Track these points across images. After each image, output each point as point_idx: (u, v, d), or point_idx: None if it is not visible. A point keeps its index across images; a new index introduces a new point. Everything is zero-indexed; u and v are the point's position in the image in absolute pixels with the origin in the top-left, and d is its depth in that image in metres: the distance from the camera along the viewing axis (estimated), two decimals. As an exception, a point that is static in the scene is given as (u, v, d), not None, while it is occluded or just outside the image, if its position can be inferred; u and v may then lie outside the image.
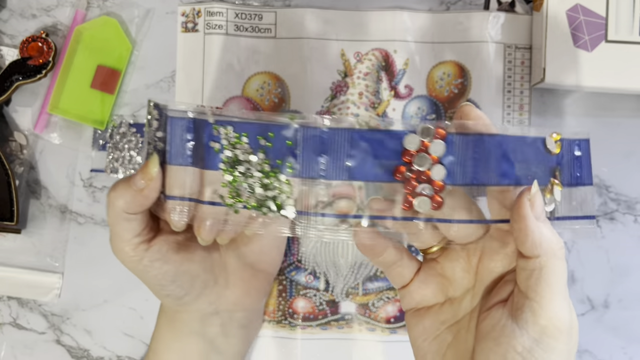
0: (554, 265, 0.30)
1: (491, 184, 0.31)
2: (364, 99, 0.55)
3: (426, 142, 0.31)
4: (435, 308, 0.36)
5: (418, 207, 0.31)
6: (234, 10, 0.55)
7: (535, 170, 0.32)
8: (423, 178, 0.31)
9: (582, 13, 0.51)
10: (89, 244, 0.55)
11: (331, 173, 0.31)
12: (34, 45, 0.53)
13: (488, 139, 0.31)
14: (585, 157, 0.34)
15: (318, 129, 0.31)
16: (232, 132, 0.32)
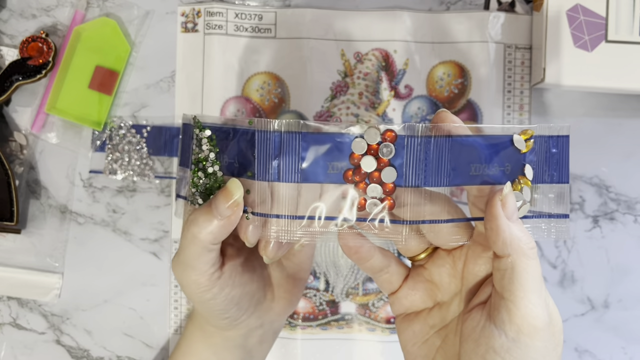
0: (525, 264, 0.30)
1: (446, 185, 0.31)
2: (364, 99, 0.55)
3: (374, 145, 0.31)
4: (424, 313, 0.36)
5: (369, 209, 0.32)
6: (234, 11, 0.55)
7: (501, 170, 0.32)
8: (374, 180, 0.31)
9: (582, 13, 0.51)
10: (89, 244, 0.55)
11: (285, 176, 0.31)
12: (33, 46, 0.53)
13: (442, 141, 0.31)
14: (562, 154, 0.33)
15: (270, 133, 0.31)
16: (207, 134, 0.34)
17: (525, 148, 0.33)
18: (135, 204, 0.55)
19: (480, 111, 0.55)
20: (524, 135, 0.33)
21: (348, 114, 0.55)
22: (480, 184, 0.32)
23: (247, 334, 0.39)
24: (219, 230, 0.33)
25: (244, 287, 0.36)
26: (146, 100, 0.55)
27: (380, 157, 0.31)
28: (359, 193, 0.32)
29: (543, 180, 0.33)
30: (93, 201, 0.55)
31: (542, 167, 0.33)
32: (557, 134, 0.33)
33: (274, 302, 0.39)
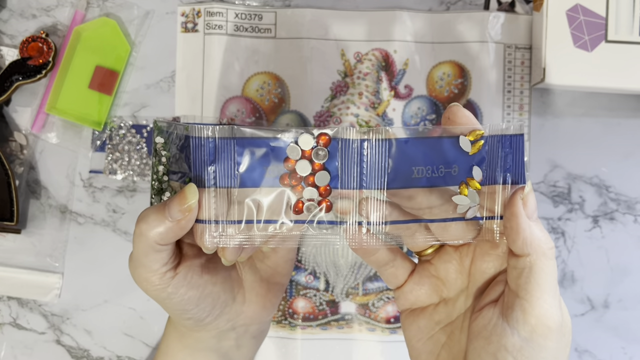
0: (543, 264, 0.30)
1: (383, 188, 0.32)
2: (364, 99, 0.55)
3: (307, 151, 0.32)
4: (430, 309, 0.36)
5: (307, 210, 0.32)
6: (234, 11, 0.55)
7: (447, 171, 0.32)
8: (309, 183, 0.32)
9: (582, 13, 0.51)
10: (89, 244, 0.55)
11: (222, 181, 0.31)
12: (34, 46, 0.53)
13: (379, 143, 0.31)
14: (516, 155, 0.32)
15: (205, 139, 0.31)
16: None
17: (471, 149, 0.32)
18: (136, 204, 0.55)
19: (480, 111, 0.55)
20: (471, 136, 0.32)
21: (348, 114, 0.55)
22: (425, 186, 0.32)
23: (219, 336, 0.38)
24: (167, 232, 0.32)
25: (203, 289, 0.36)
26: (146, 100, 0.56)
27: (315, 161, 0.32)
28: (296, 196, 0.32)
29: (496, 182, 0.32)
30: (93, 201, 0.55)
31: (494, 168, 0.32)
32: (510, 133, 0.32)
33: (244, 305, 0.38)
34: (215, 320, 0.37)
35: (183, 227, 0.32)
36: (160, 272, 0.34)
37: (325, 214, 0.32)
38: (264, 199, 0.32)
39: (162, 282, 0.34)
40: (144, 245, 0.33)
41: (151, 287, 0.34)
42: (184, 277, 0.35)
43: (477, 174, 0.32)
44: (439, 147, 0.32)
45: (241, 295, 0.38)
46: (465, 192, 0.32)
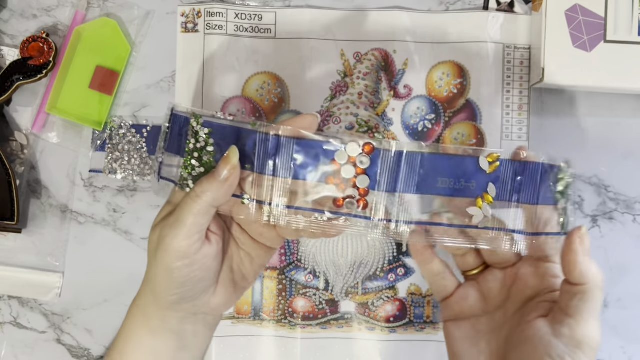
0: (595, 294, 0.36)
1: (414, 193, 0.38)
2: (363, 99, 0.55)
3: (353, 157, 0.37)
4: (472, 320, 0.42)
5: (347, 206, 0.38)
6: (234, 11, 0.55)
7: (467, 185, 0.38)
8: (351, 184, 0.38)
9: (581, 13, 0.51)
10: (90, 244, 0.55)
11: (280, 172, 0.37)
12: (34, 46, 0.53)
13: (414, 156, 0.37)
14: (528, 178, 0.38)
15: (271, 135, 0.37)
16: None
17: (489, 169, 0.37)
18: (136, 204, 0.55)
19: (479, 111, 0.55)
20: (489, 158, 0.38)
21: (348, 113, 0.55)
22: (447, 195, 0.38)
23: (182, 319, 0.41)
24: (217, 191, 0.37)
25: (207, 272, 0.40)
26: (146, 100, 0.56)
27: (358, 166, 0.37)
28: (339, 193, 0.38)
29: (507, 199, 0.38)
30: (94, 201, 0.56)
31: (505, 187, 0.38)
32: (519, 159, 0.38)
33: (213, 296, 0.41)
34: (189, 302, 0.40)
35: (231, 185, 0.37)
36: (193, 239, 0.37)
37: (362, 211, 0.38)
38: (312, 191, 0.38)
39: (188, 250, 0.37)
40: (197, 205, 0.37)
41: (175, 252, 0.37)
42: (204, 255, 0.39)
43: (491, 190, 0.38)
44: (462, 163, 0.38)
45: (214, 287, 0.41)
46: (480, 205, 0.38)
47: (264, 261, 0.44)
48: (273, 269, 0.55)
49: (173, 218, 0.38)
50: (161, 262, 0.38)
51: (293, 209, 0.38)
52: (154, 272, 0.39)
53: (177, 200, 0.40)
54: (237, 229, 0.42)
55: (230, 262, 0.42)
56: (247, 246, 0.42)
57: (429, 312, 0.55)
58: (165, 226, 0.38)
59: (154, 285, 0.40)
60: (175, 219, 0.38)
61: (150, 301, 0.41)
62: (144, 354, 0.42)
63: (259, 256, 0.43)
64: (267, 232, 0.41)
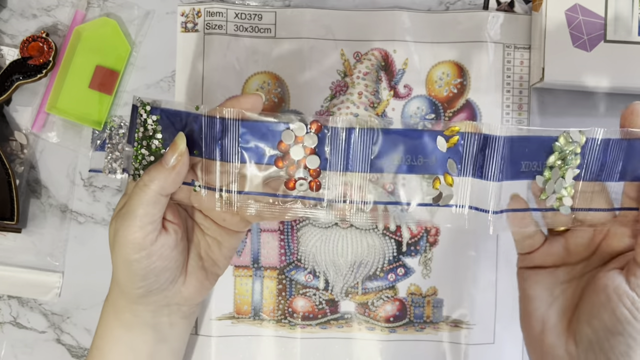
0: None
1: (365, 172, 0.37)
2: (363, 99, 0.55)
3: (300, 137, 0.36)
4: (551, 269, 0.41)
5: (297, 189, 0.37)
6: (234, 11, 0.55)
7: (421, 162, 0.37)
8: (301, 165, 0.37)
9: (581, 13, 0.51)
10: (89, 243, 0.55)
11: (227, 156, 0.37)
12: (34, 45, 0.53)
13: (365, 132, 0.36)
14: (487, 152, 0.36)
15: (216, 118, 0.36)
16: None
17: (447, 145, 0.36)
18: (136, 203, 0.55)
19: (479, 111, 0.55)
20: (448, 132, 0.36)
21: (347, 113, 0.55)
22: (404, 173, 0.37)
23: (155, 312, 0.41)
24: (165, 179, 0.37)
25: (168, 262, 0.39)
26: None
27: (306, 145, 0.37)
28: (290, 175, 0.37)
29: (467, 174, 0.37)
30: (93, 200, 0.56)
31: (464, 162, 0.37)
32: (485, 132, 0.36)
33: (183, 286, 0.41)
34: (157, 295, 0.40)
35: (179, 173, 0.37)
36: (146, 230, 0.37)
37: (315, 192, 0.37)
38: (261, 174, 0.37)
39: (143, 242, 0.37)
40: (145, 195, 0.37)
41: (130, 244, 0.37)
42: (161, 246, 0.38)
43: (451, 167, 0.37)
44: (419, 139, 0.37)
45: (183, 276, 0.41)
46: (437, 185, 0.37)
47: (233, 244, 0.43)
48: (273, 269, 0.55)
49: (124, 209, 0.38)
50: (119, 256, 0.38)
51: (243, 194, 0.37)
52: (115, 266, 0.40)
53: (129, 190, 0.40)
54: (199, 215, 0.42)
55: (198, 249, 0.42)
56: (213, 231, 0.42)
57: (429, 312, 0.55)
58: (118, 218, 0.38)
59: (117, 279, 0.40)
60: (126, 210, 0.37)
61: (118, 296, 0.41)
62: (121, 350, 0.42)
63: (227, 241, 0.42)
64: (230, 217, 0.41)
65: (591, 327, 0.37)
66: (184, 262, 0.41)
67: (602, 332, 0.36)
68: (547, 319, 0.40)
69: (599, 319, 0.36)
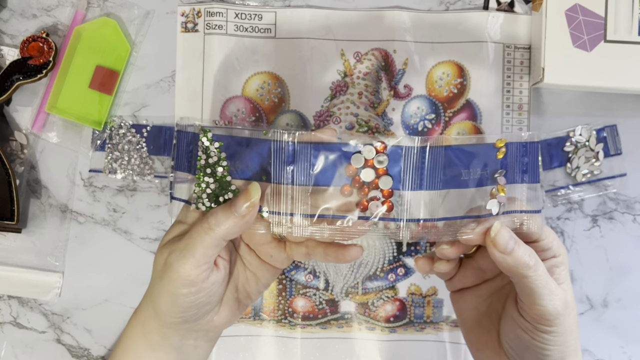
0: (523, 282, 0.37)
1: (440, 189, 0.37)
2: (363, 99, 0.55)
3: (371, 161, 0.36)
4: (473, 288, 0.44)
5: (370, 210, 0.37)
6: (234, 11, 0.55)
7: (482, 173, 0.37)
8: (373, 186, 0.37)
9: (581, 13, 0.51)
10: (90, 243, 0.55)
11: (299, 180, 0.36)
12: (34, 45, 0.53)
13: (437, 150, 0.36)
14: (532, 158, 0.38)
15: (285, 142, 0.36)
16: None
17: (500, 155, 0.37)
18: (136, 203, 0.55)
19: (479, 111, 0.55)
20: (499, 143, 0.37)
21: (348, 113, 0.55)
22: (472, 187, 0.37)
23: (183, 336, 0.41)
24: (233, 227, 0.36)
25: (211, 297, 0.39)
26: (146, 100, 0.56)
27: (377, 166, 0.36)
28: (362, 197, 0.37)
29: (515, 181, 0.37)
30: (93, 200, 0.55)
31: (514, 171, 0.37)
32: (527, 141, 0.37)
33: (216, 315, 0.41)
34: (191, 323, 0.40)
35: (247, 222, 0.36)
36: (201, 269, 0.37)
37: (387, 213, 0.37)
38: (334, 197, 0.37)
39: (196, 279, 0.37)
40: (209, 238, 0.36)
41: (183, 280, 0.37)
42: (211, 284, 0.38)
43: (501, 179, 0.37)
44: (478, 153, 0.37)
45: (218, 307, 0.41)
46: (494, 197, 0.37)
47: (269, 281, 0.43)
48: (273, 269, 0.55)
49: (182, 244, 0.37)
50: (167, 287, 0.37)
51: (315, 217, 0.37)
52: (158, 293, 0.38)
53: (190, 220, 0.39)
54: (244, 249, 0.42)
55: (236, 282, 0.42)
56: (254, 267, 0.42)
57: (429, 312, 0.55)
58: (174, 251, 0.37)
59: (156, 304, 0.39)
60: (185, 247, 0.37)
61: (150, 316, 0.40)
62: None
63: (265, 277, 0.42)
64: (277, 253, 0.40)
65: (509, 345, 0.41)
66: (223, 294, 0.41)
67: (518, 349, 0.40)
68: (481, 335, 0.43)
69: (510, 338, 0.40)
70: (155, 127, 0.55)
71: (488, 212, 0.37)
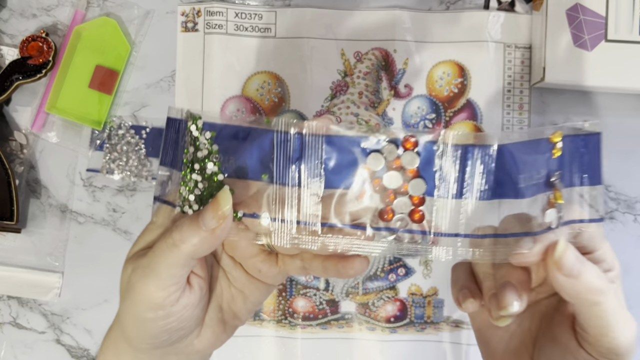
0: (590, 311, 0.31)
1: (486, 199, 0.29)
2: (363, 99, 0.55)
3: (396, 161, 0.29)
4: None
5: (394, 224, 0.29)
6: (234, 10, 0.55)
7: (537, 178, 0.30)
8: (401, 192, 0.29)
9: (581, 12, 0.51)
10: (89, 244, 0.55)
11: (307, 181, 0.29)
12: (34, 45, 0.53)
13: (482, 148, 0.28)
14: (593, 155, 0.30)
15: (292, 135, 0.29)
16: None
17: (558, 152, 0.30)
18: (136, 203, 0.55)
19: (479, 110, 0.55)
20: (554, 137, 0.30)
21: (348, 113, 0.55)
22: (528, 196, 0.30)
23: (161, 357, 0.36)
24: (201, 244, 0.30)
25: (184, 322, 0.33)
26: (146, 99, 0.56)
27: (406, 167, 0.29)
28: (386, 203, 0.29)
29: (573, 184, 0.31)
30: (93, 200, 0.55)
31: (571, 171, 0.31)
32: (586, 132, 0.30)
33: (197, 339, 0.35)
34: (165, 348, 0.35)
35: (217, 237, 0.30)
36: (168, 291, 0.31)
37: (416, 225, 0.29)
38: (350, 202, 0.30)
39: (163, 302, 0.31)
40: (174, 256, 0.30)
41: (147, 303, 0.31)
42: (183, 306, 0.32)
43: (559, 183, 0.30)
44: (531, 152, 0.29)
45: (198, 329, 0.35)
46: (553, 206, 0.30)
47: (259, 299, 0.37)
48: (273, 269, 0.55)
49: (146, 261, 0.31)
50: (131, 309, 0.32)
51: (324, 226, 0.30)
52: (124, 316, 0.33)
53: (163, 222, 0.33)
54: (228, 263, 0.35)
55: (219, 301, 0.36)
56: (240, 283, 0.35)
57: (430, 312, 0.55)
58: (137, 268, 0.32)
59: (124, 328, 0.34)
60: (147, 265, 0.31)
61: (120, 339, 0.35)
62: None
63: (254, 295, 0.36)
64: (267, 268, 0.34)
65: None
66: (202, 316, 0.35)
67: None
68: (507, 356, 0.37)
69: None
70: (155, 129, 0.55)
71: (547, 225, 0.30)
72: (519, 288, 0.32)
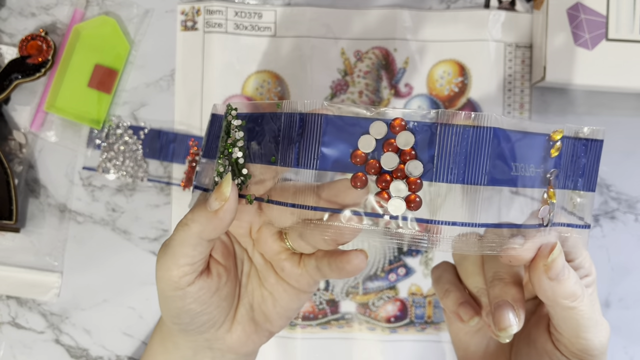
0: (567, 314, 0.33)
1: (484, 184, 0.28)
2: (364, 98, 0.55)
3: (393, 140, 0.28)
4: None
5: (392, 211, 0.28)
6: (234, 9, 0.55)
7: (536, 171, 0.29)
8: (397, 175, 0.28)
9: (582, 11, 0.51)
10: (88, 243, 0.55)
11: (304, 162, 0.29)
12: (33, 44, 0.53)
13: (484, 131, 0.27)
14: (591, 161, 0.30)
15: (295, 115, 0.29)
16: None
17: (556, 151, 0.29)
18: (135, 203, 0.55)
19: (480, 110, 0.55)
20: (555, 135, 0.29)
21: (348, 112, 0.55)
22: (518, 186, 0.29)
23: (196, 350, 0.37)
24: (207, 223, 0.32)
25: (206, 307, 0.35)
26: (146, 99, 0.55)
27: (402, 147, 0.27)
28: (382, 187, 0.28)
29: (566, 186, 0.30)
30: (92, 200, 0.55)
31: (567, 173, 0.30)
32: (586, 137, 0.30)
33: (227, 334, 0.37)
34: (196, 335, 0.37)
35: (223, 219, 0.32)
36: (183, 270, 0.33)
37: (411, 211, 0.28)
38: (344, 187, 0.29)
39: (179, 282, 0.33)
40: (185, 234, 0.33)
41: (166, 279, 0.34)
42: (199, 289, 0.34)
43: (554, 181, 0.30)
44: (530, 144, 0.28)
45: (228, 324, 0.37)
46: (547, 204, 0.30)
47: (289, 305, 0.37)
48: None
49: (167, 240, 0.34)
50: (158, 286, 0.35)
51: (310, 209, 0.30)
52: (158, 294, 0.36)
53: None
54: (259, 261, 0.37)
55: (250, 299, 0.37)
56: (270, 284, 0.37)
57: (430, 312, 0.55)
58: (161, 247, 0.34)
59: (160, 307, 0.36)
60: (167, 244, 0.34)
61: (164, 322, 0.38)
62: None
63: (283, 298, 0.37)
64: (290, 267, 0.35)
65: None
66: (229, 308, 0.37)
67: None
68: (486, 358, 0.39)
69: None
70: (153, 130, 0.55)
71: (538, 222, 0.29)
72: (515, 306, 0.33)
